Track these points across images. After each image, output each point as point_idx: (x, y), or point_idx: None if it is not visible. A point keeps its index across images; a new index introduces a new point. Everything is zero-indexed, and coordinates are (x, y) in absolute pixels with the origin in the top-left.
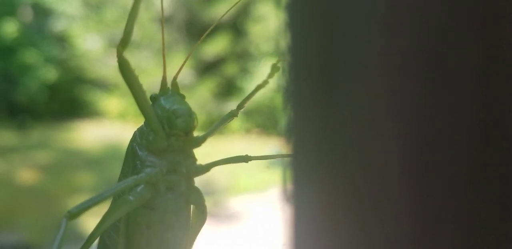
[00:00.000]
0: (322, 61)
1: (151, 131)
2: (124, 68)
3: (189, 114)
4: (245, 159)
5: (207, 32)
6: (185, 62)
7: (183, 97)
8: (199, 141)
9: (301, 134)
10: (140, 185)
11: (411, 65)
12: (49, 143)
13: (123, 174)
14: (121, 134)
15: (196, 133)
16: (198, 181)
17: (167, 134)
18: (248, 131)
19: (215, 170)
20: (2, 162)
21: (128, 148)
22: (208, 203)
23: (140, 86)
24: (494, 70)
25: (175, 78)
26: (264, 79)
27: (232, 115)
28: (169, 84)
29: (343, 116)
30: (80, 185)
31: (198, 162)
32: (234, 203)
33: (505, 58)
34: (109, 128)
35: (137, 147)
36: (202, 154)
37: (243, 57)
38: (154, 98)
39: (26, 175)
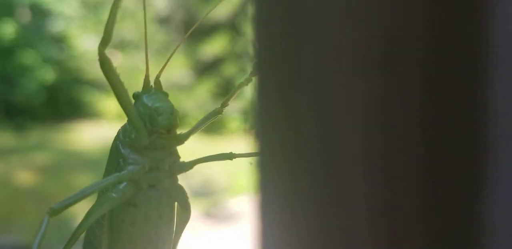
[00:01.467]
0: (285, 59)
1: (133, 129)
2: (106, 66)
3: (171, 112)
4: (230, 156)
5: (192, 28)
6: (168, 59)
7: (166, 95)
8: (181, 139)
9: (266, 131)
10: (122, 182)
11: (372, 63)
12: (47, 144)
13: (107, 172)
14: None
15: (196, 134)
16: (198, 182)
17: (149, 132)
18: (246, 131)
19: (214, 170)
20: (0, 164)
21: (112, 146)
22: (208, 204)
23: (121, 83)
24: (448, 69)
25: (158, 76)
26: (246, 77)
27: (217, 112)
28: (152, 83)
29: (305, 114)
30: (78, 186)
31: (185, 160)
32: (234, 203)
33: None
34: (107, 129)
35: (120, 145)
36: (201, 154)
37: (241, 57)
38: (136, 96)
39: (25, 176)
